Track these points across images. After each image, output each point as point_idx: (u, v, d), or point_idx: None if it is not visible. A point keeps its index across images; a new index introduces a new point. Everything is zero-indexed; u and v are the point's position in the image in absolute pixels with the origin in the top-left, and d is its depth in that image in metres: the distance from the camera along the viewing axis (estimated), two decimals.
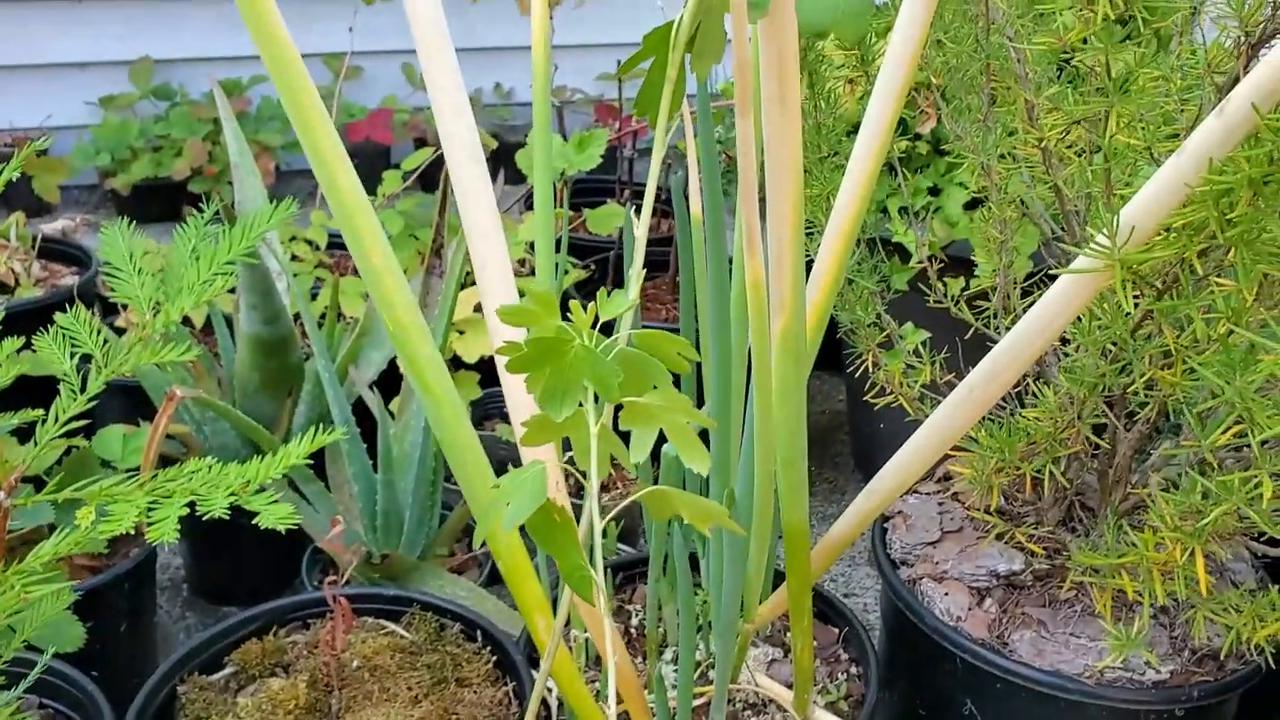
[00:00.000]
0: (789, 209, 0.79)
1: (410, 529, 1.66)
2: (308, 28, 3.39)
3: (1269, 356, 0.81)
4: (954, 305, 1.35)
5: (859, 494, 1.16)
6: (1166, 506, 1.01)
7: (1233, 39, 1.06)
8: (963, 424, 1.03)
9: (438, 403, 0.98)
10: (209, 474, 1.01)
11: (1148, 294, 0.91)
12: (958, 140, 1.26)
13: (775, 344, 0.85)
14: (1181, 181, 0.79)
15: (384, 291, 0.97)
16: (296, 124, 0.93)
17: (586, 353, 0.59)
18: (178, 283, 1.18)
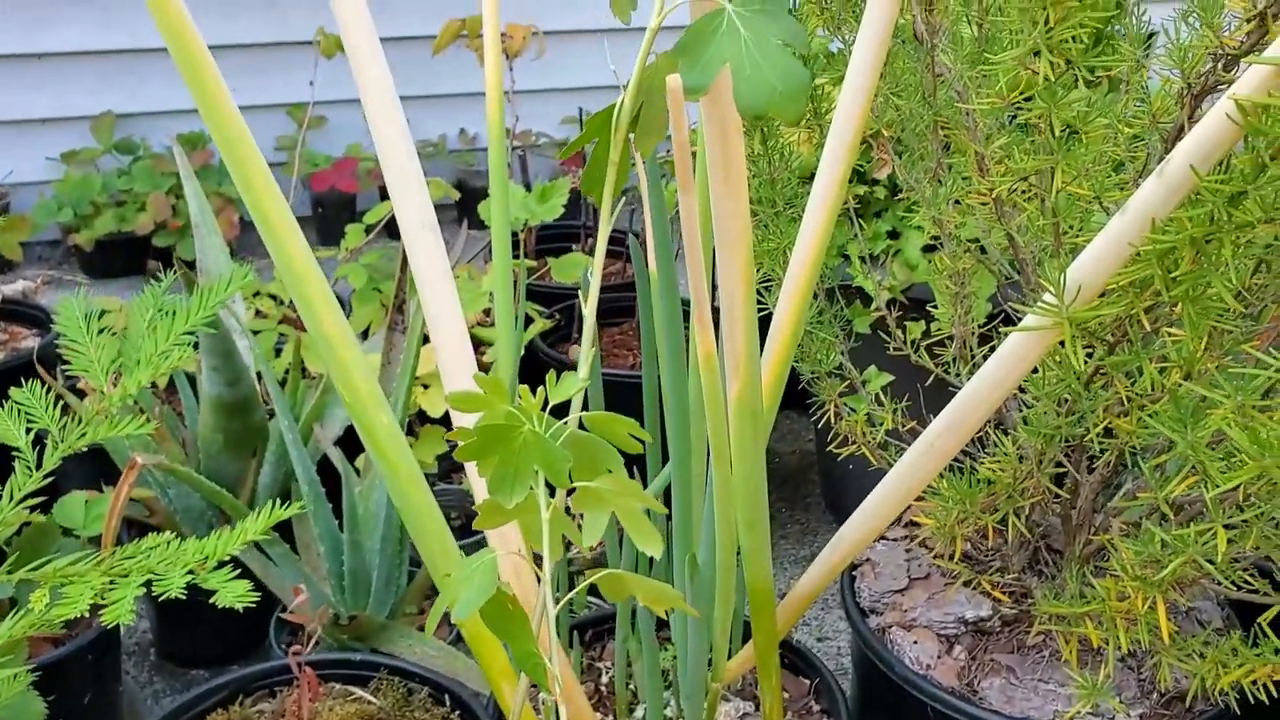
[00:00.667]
0: (739, 277, 0.80)
1: (378, 588, 1.64)
2: (269, 78, 3.40)
3: (1218, 410, 0.81)
4: (914, 352, 1.35)
5: (826, 546, 1.16)
6: (1127, 554, 1.02)
7: (1176, 89, 1.08)
8: (924, 477, 1.04)
9: (395, 472, 0.98)
10: (167, 550, 1.00)
11: (1099, 348, 0.92)
12: (911, 190, 1.27)
13: (732, 409, 0.85)
14: (1125, 241, 0.80)
15: (339, 360, 0.97)
16: (245, 196, 0.93)
17: (536, 439, 0.59)
18: (135, 354, 1.18)
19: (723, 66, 0.60)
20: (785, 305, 1.04)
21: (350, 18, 0.90)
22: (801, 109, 0.60)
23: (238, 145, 0.86)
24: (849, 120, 0.93)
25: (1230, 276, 0.77)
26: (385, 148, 1.00)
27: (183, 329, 1.19)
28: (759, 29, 0.60)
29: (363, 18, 0.92)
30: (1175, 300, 0.81)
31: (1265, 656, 0.97)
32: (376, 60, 0.94)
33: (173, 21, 0.84)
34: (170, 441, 1.76)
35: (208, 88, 0.84)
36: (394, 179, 1.00)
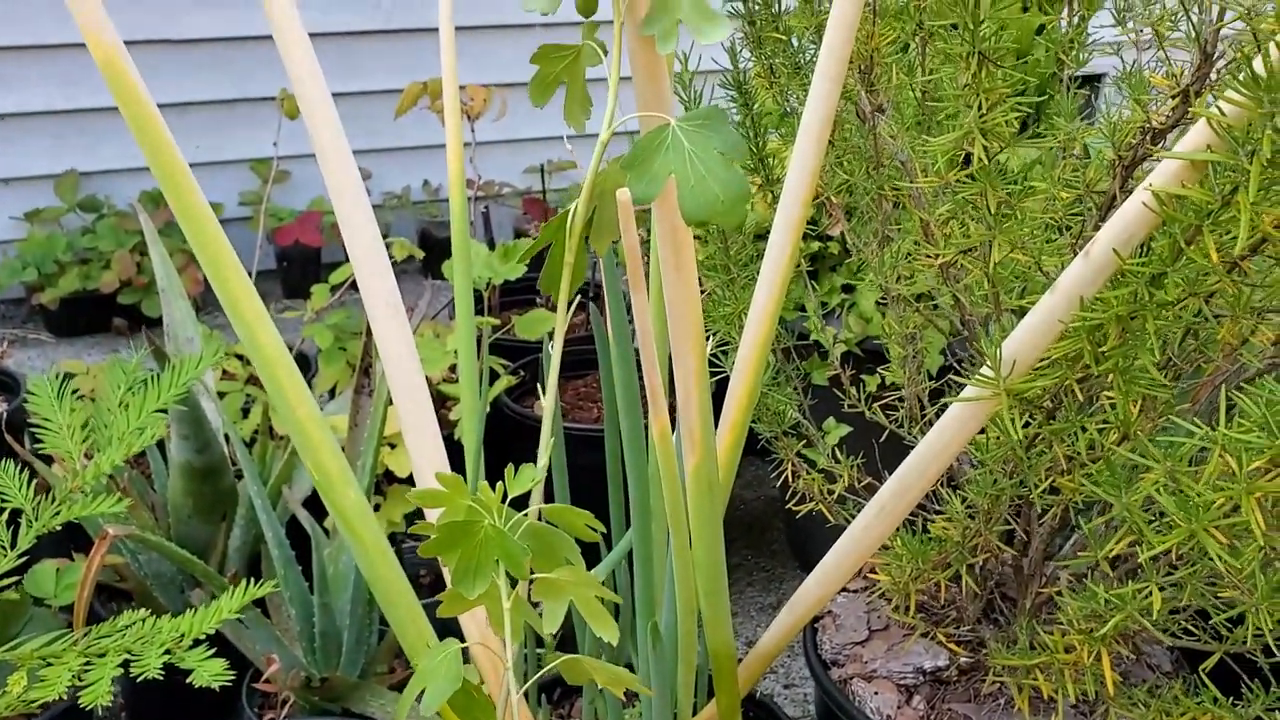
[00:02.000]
0: (692, 360, 0.84)
1: (349, 648, 1.66)
2: (233, 134, 3.43)
3: (1149, 475, 0.86)
4: (868, 409, 1.40)
5: (789, 597, 1.20)
6: (1072, 609, 1.06)
7: (1108, 160, 1.13)
8: (876, 539, 1.07)
9: (364, 547, 1.01)
10: (143, 628, 1.02)
11: (1038, 415, 0.97)
12: (859, 254, 1.32)
13: (689, 482, 0.89)
14: (1056, 318, 0.85)
15: (309, 441, 0.99)
16: (219, 289, 0.96)
17: (496, 533, 0.62)
18: (107, 431, 1.20)
19: (668, 178, 0.64)
20: (741, 369, 1.08)
21: (326, 140, 0.94)
22: (742, 216, 0.64)
23: (212, 244, 0.89)
24: (795, 199, 0.98)
25: (1154, 351, 0.82)
26: (351, 236, 1.04)
27: (154, 406, 1.22)
28: (701, 142, 0.64)
29: (339, 140, 0.96)
30: (1105, 373, 0.85)
31: (1205, 705, 1.01)
32: (346, 166, 0.98)
33: (126, 89, 0.87)
34: (140, 507, 1.77)
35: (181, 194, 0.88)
36: (360, 261, 1.04)
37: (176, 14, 3.31)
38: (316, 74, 1.03)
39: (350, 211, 1.02)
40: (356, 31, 3.49)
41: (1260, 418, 0.77)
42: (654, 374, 0.74)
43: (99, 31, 0.84)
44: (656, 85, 0.70)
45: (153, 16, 3.27)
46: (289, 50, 0.99)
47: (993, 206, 0.94)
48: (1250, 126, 0.70)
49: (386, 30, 3.52)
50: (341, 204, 0.98)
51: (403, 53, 3.54)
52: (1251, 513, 0.78)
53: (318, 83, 1.03)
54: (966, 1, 0.85)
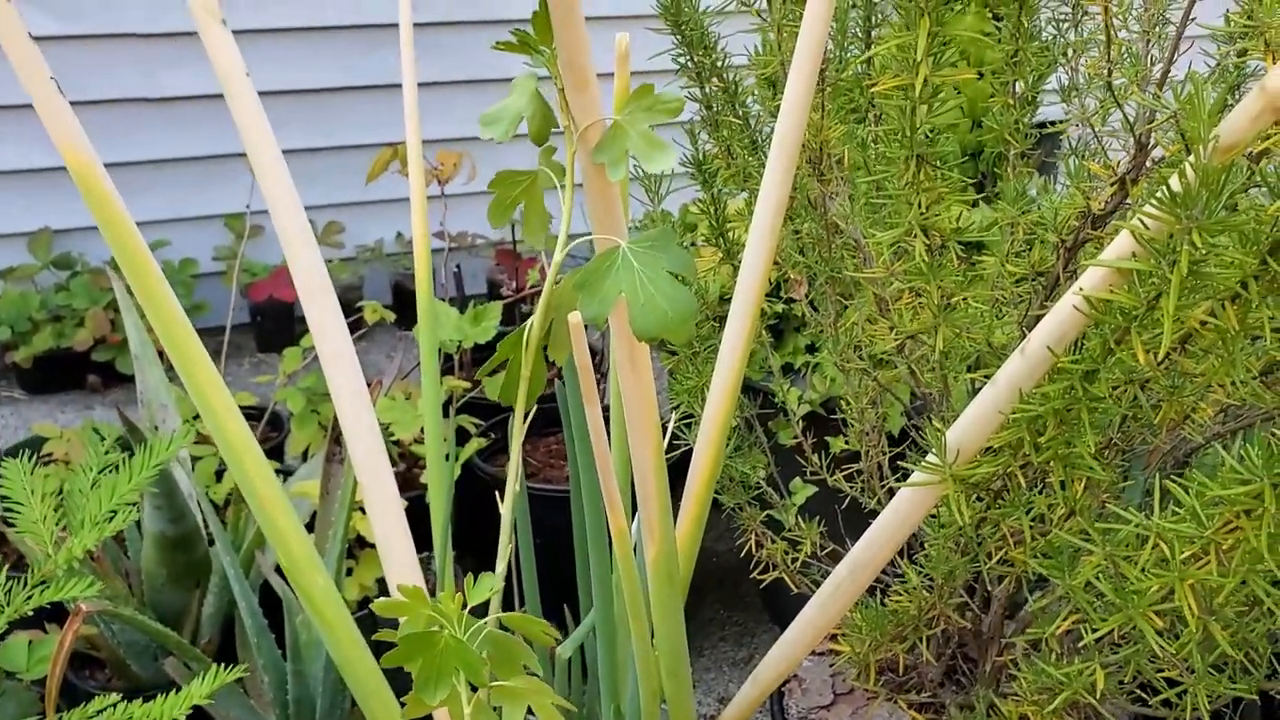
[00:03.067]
0: (649, 452, 0.87)
1: (322, 714, 1.67)
2: (206, 191, 3.45)
3: (1090, 559, 0.89)
4: (829, 475, 1.43)
5: (759, 657, 1.22)
6: (1025, 680, 1.09)
7: (1051, 243, 1.18)
8: (836, 613, 1.10)
9: (333, 632, 1.03)
10: (114, 714, 1.04)
11: (985, 496, 1.00)
12: (818, 327, 1.36)
13: (650, 572, 0.92)
14: (996, 409, 0.88)
15: (276, 528, 1.02)
16: (188, 382, 0.99)
17: (456, 643, 0.65)
18: (79, 514, 1.22)
19: (618, 297, 0.67)
20: (703, 445, 1.10)
21: (293, 238, 0.98)
22: (690, 332, 0.67)
23: (183, 343, 0.92)
24: (750, 285, 1.01)
25: (1089, 443, 0.85)
26: (320, 333, 1.07)
27: (127, 488, 1.24)
28: (650, 263, 0.68)
29: (306, 239, 0.99)
30: (1044, 461, 0.89)
31: None
32: (311, 252, 1.01)
33: (101, 199, 0.90)
34: (113, 575, 1.78)
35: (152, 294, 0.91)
36: (327, 353, 1.06)
37: (154, 72, 3.34)
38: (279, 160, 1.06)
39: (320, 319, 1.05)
40: (333, 88, 3.53)
41: (1190, 507, 0.81)
42: (610, 482, 0.77)
43: (75, 147, 0.87)
44: (608, 206, 0.73)
45: (131, 74, 3.30)
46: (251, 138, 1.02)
47: (935, 299, 0.98)
48: (1171, 238, 0.74)
49: (362, 86, 3.56)
50: (311, 309, 1.01)
51: (377, 108, 3.58)
52: (1185, 599, 0.82)
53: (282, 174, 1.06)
54: (903, 109, 0.89)
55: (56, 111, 0.87)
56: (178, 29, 3.31)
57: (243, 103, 0.99)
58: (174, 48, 3.34)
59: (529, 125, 0.70)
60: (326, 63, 3.52)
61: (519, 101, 0.70)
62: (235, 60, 0.98)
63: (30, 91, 0.87)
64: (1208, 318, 0.78)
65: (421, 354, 1.23)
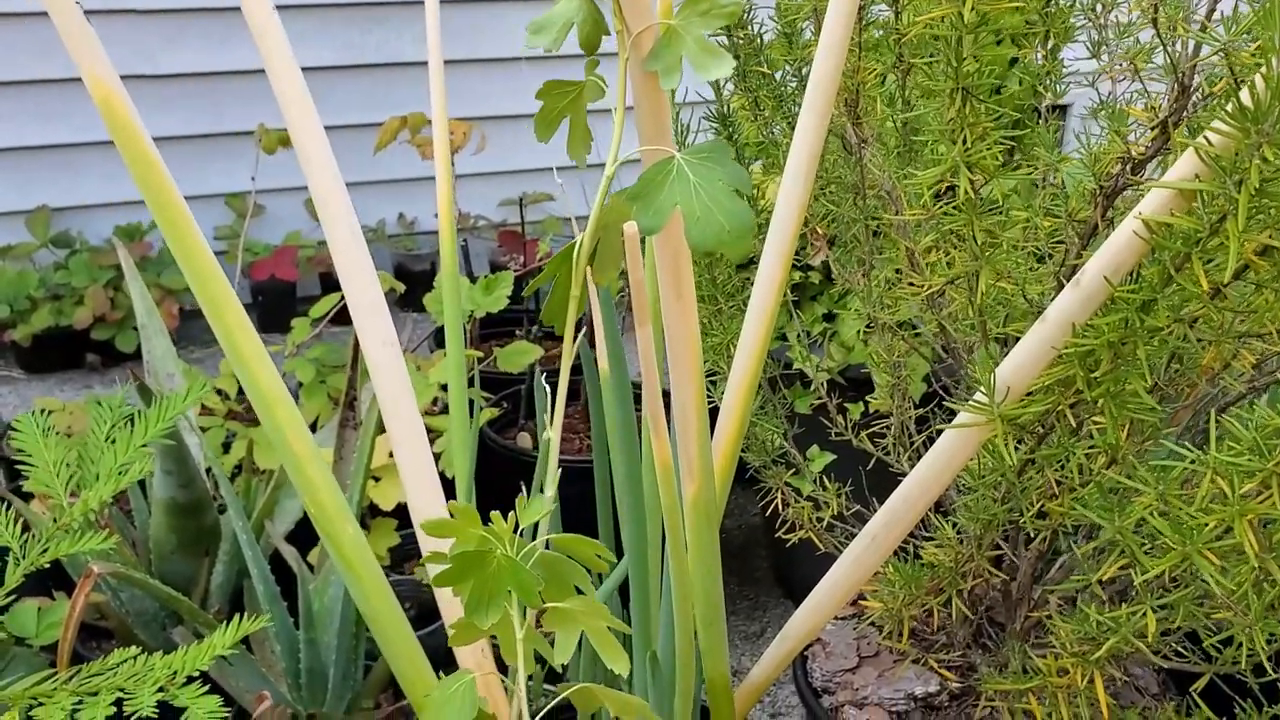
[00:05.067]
0: (692, 388, 0.84)
1: (335, 684, 1.65)
2: (206, 167, 3.42)
3: (1141, 499, 0.87)
4: (854, 437, 1.41)
5: (775, 625, 1.20)
6: (1064, 632, 1.07)
7: (1089, 190, 1.15)
8: (867, 569, 1.08)
9: (361, 582, 1.00)
10: (135, 666, 1.02)
11: (1029, 440, 0.98)
12: (844, 282, 1.34)
13: (688, 511, 0.90)
14: (1049, 344, 0.86)
15: (307, 478, 0.99)
16: (217, 326, 0.97)
17: (509, 563, 0.62)
18: (94, 468, 1.19)
19: (674, 210, 0.65)
20: (731, 399, 1.08)
21: (323, 186, 0.96)
22: (749, 247, 0.65)
23: (210, 283, 0.90)
24: (784, 229, 0.99)
25: (1145, 376, 0.83)
26: (348, 277, 1.05)
27: (141, 441, 1.21)
28: (706, 175, 0.65)
29: (335, 181, 0.97)
30: (1096, 398, 0.87)
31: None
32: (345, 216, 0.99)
33: (124, 128, 0.88)
34: (122, 544, 1.75)
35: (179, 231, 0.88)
36: (355, 300, 1.04)
37: (153, 50, 3.31)
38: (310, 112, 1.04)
39: (346, 249, 1.03)
40: (331, 66, 3.50)
41: (1251, 440, 0.79)
42: (657, 405, 0.75)
43: (97, 71, 0.85)
44: (659, 120, 0.71)
45: (130, 52, 3.27)
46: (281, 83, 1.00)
47: (978, 237, 0.96)
48: (1237, 156, 0.72)
49: (361, 65, 3.53)
50: (337, 243, 0.99)
51: (376, 87, 3.55)
52: (1244, 534, 0.80)
53: (312, 119, 1.03)
54: (949, 39, 0.87)
55: (78, 35, 0.85)
56: (176, 5, 3.28)
57: (267, 34, 0.97)
58: (172, 24, 3.31)
59: (579, 30, 0.67)
60: (325, 41, 3.49)
61: (568, 7, 0.68)
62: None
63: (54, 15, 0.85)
64: (1270, 241, 0.76)
65: (446, 315, 1.21)
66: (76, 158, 3.34)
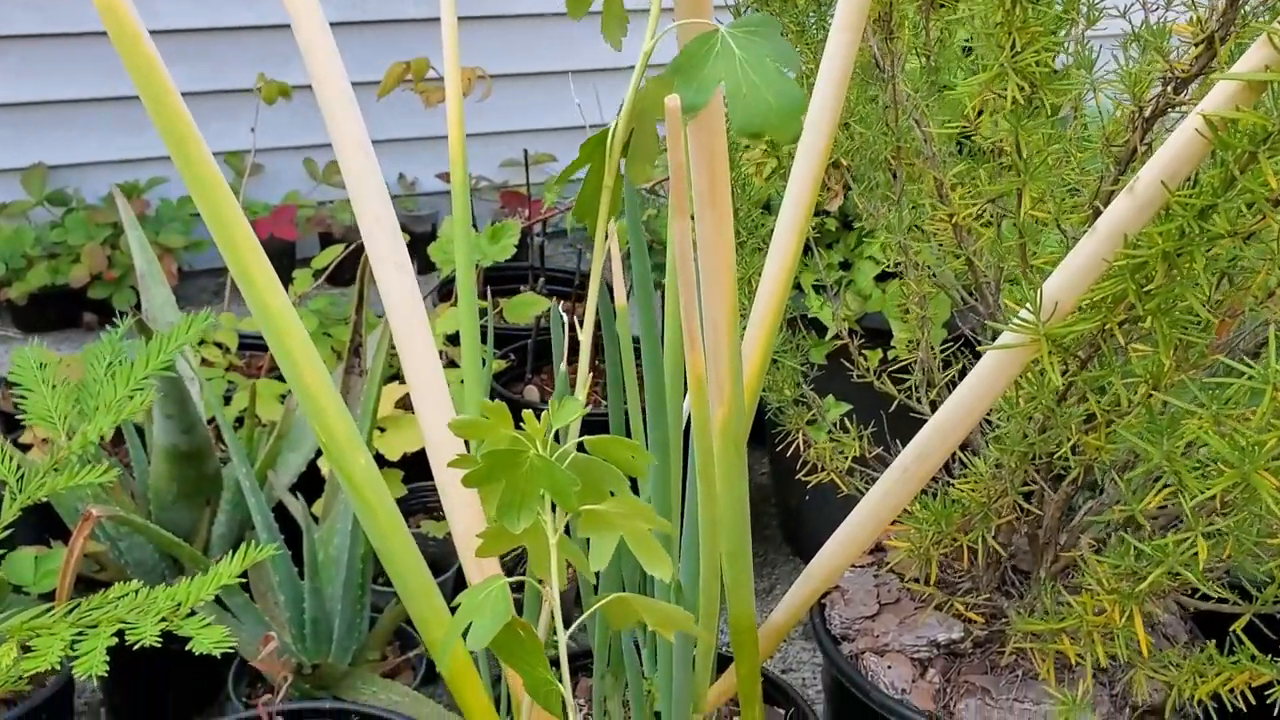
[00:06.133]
0: (724, 305, 0.80)
1: (340, 635, 1.61)
2: (205, 125, 3.36)
3: (1192, 421, 0.83)
4: (876, 379, 1.37)
5: (787, 577, 1.17)
6: (1101, 569, 1.03)
7: (1127, 113, 1.11)
8: (898, 503, 1.04)
9: (372, 511, 0.97)
10: (136, 599, 0.98)
11: (1072, 364, 0.94)
12: (870, 218, 1.29)
13: (716, 436, 0.86)
14: (1099, 257, 0.82)
15: (316, 404, 0.96)
16: (226, 251, 0.93)
17: (543, 463, 0.58)
18: (93, 401, 1.15)
19: (718, 86, 0.61)
20: (755, 331, 1.04)
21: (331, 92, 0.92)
22: (798, 128, 0.61)
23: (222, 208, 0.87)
24: (813, 150, 0.95)
25: (1203, 287, 0.79)
26: (356, 188, 1.01)
27: (142, 374, 1.17)
28: (753, 50, 0.61)
29: (341, 81, 0.93)
30: (1149, 313, 0.83)
31: (1243, 664, 0.98)
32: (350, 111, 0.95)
33: (141, 62, 0.84)
34: (120, 492, 1.71)
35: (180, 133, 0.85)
36: (365, 217, 1.00)
37: (152, 4, 3.24)
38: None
39: (354, 161, 0.99)
40: (332, 23, 3.43)
41: None
42: (691, 307, 0.70)
43: None
44: None
45: None
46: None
47: (1024, 151, 0.91)
48: None
49: (360, 22, 3.47)
50: (345, 151, 0.94)
51: (375, 44, 3.48)
52: None
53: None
54: None
55: None
56: None
57: None
58: None
59: None
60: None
61: None
62: None
63: None
64: None
65: (457, 259, 1.16)
66: (73, 114, 3.28)
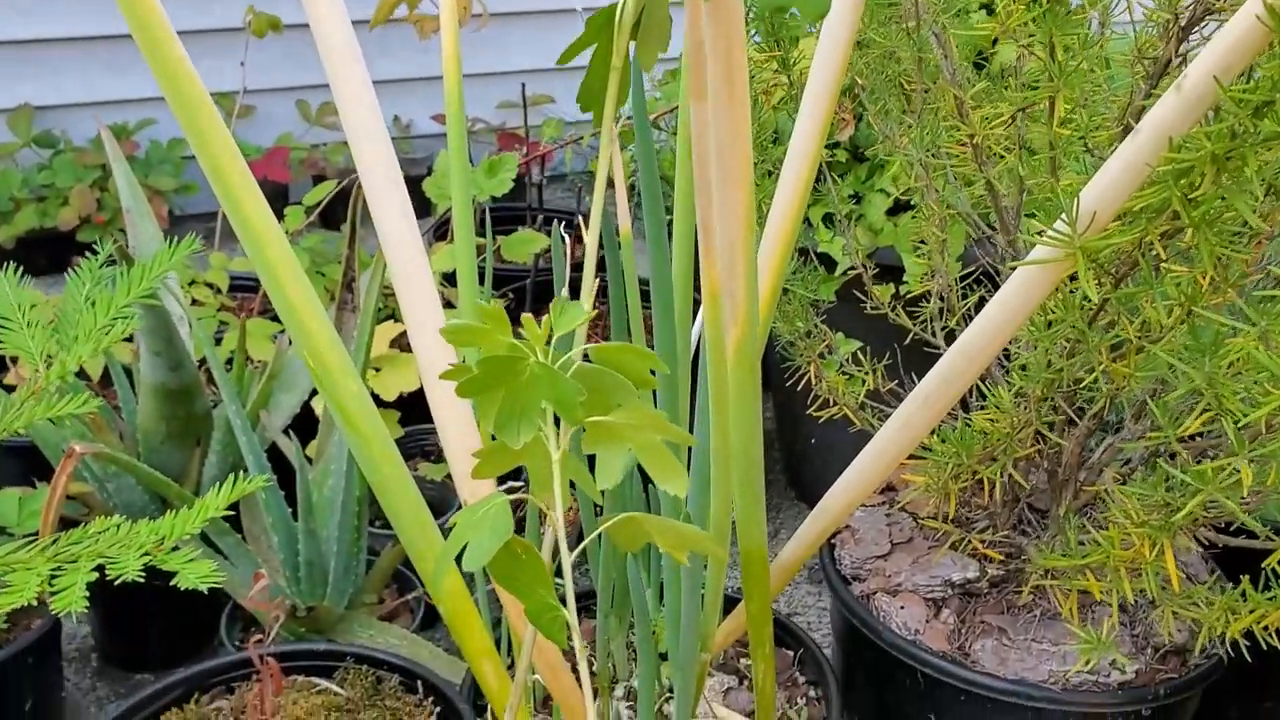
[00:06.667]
0: (741, 211, 0.74)
1: (336, 577, 1.57)
2: (197, 64, 3.28)
3: (1237, 339, 0.78)
4: (891, 311, 1.31)
5: (792, 519, 1.12)
6: (1129, 501, 0.99)
7: (1160, 23, 1.05)
8: (917, 434, 0.99)
9: (366, 442, 0.91)
10: (118, 533, 0.93)
11: (1105, 282, 0.88)
12: (886, 140, 1.23)
13: (730, 357, 0.80)
14: (1142, 162, 0.76)
15: (303, 328, 0.90)
16: (199, 151, 0.88)
17: (544, 371, 0.53)
18: (73, 330, 1.10)
19: None
20: (766, 257, 0.99)
21: None
22: (825, 4, 0.55)
23: (186, 86, 0.80)
24: (834, 52, 0.89)
25: (1256, 192, 0.74)
26: (344, 97, 0.95)
27: (123, 302, 1.12)
28: None
29: None
30: (1193, 224, 0.77)
31: (1278, 600, 0.94)
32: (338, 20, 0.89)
33: None
34: (108, 433, 1.66)
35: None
36: (353, 126, 0.94)
37: None
38: None
39: (341, 68, 0.93)
40: None
41: None
42: (709, 204, 0.65)
43: None
44: None
45: None
46: None
47: (1058, 53, 0.85)
48: None
49: None
50: (331, 61, 0.88)
51: None
52: None
53: None
54: None
55: None
56: None
57: None
58: None
59: None
60: None
61: None
62: None
63: None
64: None
65: (454, 193, 1.10)
66: (57, 55, 3.20)
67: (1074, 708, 1.18)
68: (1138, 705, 1.18)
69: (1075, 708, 1.18)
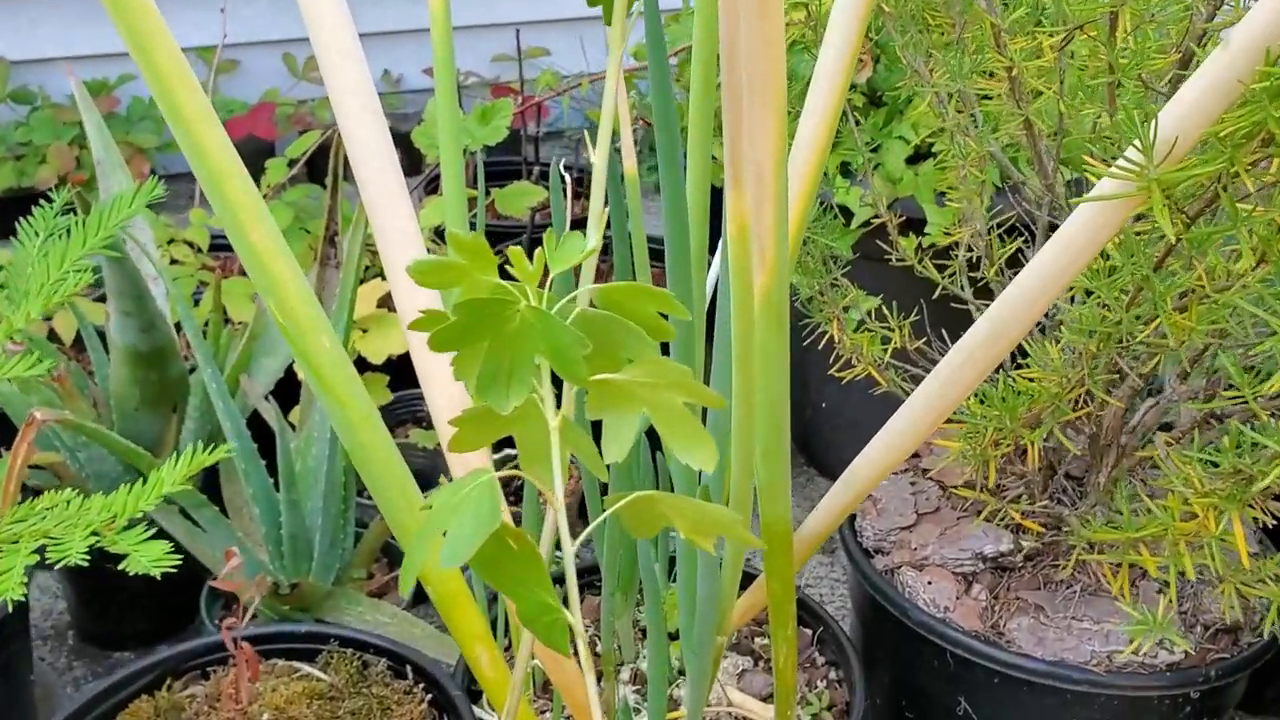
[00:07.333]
0: (771, 136, 0.64)
1: (321, 552, 1.48)
2: (178, 17, 3.16)
3: None
4: (918, 262, 1.21)
5: (810, 489, 1.02)
6: (1190, 468, 0.89)
7: None
8: (959, 394, 0.89)
9: (341, 404, 0.81)
10: (66, 510, 0.83)
11: (1178, 221, 0.78)
12: (914, 75, 1.13)
13: (756, 308, 0.70)
14: (1233, 80, 0.66)
15: (268, 275, 0.80)
16: (145, 70, 0.77)
17: (538, 317, 0.43)
18: (23, 285, 0.99)
19: None
20: (790, 200, 0.89)
21: None
22: None
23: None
24: None
25: None
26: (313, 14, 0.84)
27: (78, 254, 1.01)
28: None
29: None
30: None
31: None
32: None
33: None
34: (79, 399, 1.56)
35: None
36: (324, 49, 0.84)
37: None
38: None
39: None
40: None
41: None
42: (738, 125, 0.54)
43: None
44: None
45: None
46: None
47: None
48: None
49: None
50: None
51: None
52: None
53: None
54: None
55: None
56: None
57: None
58: None
59: None
60: None
61: None
62: None
63: None
64: None
65: (441, 144, 0.99)
66: (33, 7, 3.08)
67: (1118, 691, 1.09)
68: (1186, 688, 1.09)
69: (1119, 691, 1.09)
